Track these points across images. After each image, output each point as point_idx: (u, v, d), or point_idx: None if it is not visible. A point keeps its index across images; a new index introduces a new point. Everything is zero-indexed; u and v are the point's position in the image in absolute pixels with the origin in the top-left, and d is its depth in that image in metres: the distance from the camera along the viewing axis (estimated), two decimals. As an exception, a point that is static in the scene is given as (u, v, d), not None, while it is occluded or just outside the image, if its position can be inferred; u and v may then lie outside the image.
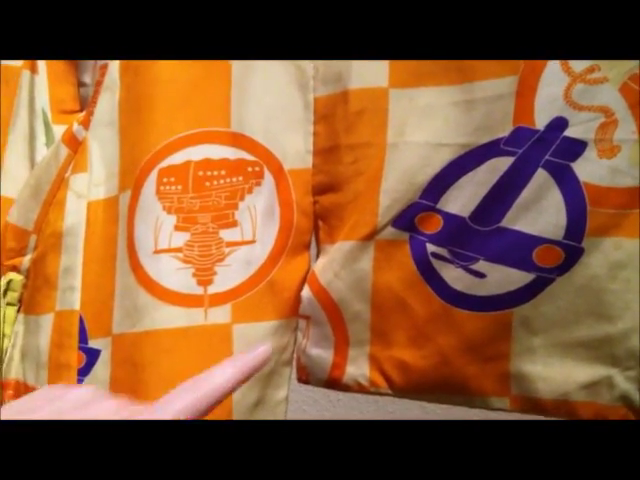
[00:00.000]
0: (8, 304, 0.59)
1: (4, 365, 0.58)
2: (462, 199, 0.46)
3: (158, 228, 0.52)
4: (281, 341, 0.52)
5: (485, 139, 0.45)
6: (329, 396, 0.98)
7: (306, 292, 0.51)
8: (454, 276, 0.46)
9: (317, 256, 0.53)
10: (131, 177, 0.53)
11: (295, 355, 0.53)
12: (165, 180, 0.52)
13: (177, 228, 0.52)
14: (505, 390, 0.46)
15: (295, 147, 0.51)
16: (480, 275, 0.45)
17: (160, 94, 0.53)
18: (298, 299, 0.52)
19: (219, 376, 0.37)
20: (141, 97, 0.53)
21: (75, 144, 0.57)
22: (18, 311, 0.59)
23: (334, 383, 0.51)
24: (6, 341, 0.58)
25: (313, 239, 0.53)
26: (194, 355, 0.51)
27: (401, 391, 0.50)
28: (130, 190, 0.53)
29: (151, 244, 0.52)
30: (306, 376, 0.53)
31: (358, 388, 0.51)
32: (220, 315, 0.51)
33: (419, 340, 0.48)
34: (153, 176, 0.52)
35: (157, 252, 0.51)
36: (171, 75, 0.52)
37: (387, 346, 0.49)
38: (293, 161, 0.51)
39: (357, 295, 0.49)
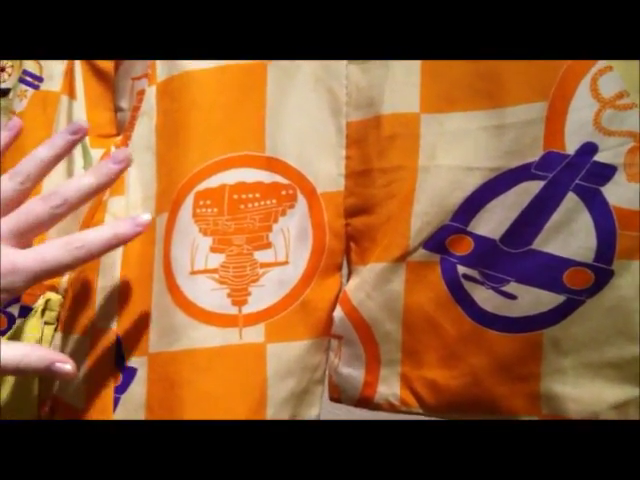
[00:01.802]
0: (46, 323, 0.60)
1: (42, 382, 0.60)
2: (493, 222, 0.47)
3: (194, 250, 0.53)
4: (313, 360, 0.53)
5: (515, 163, 0.46)
6: (353, 413, 0.99)
7: (338, 312, 0.52)
8: (485, 297, 0.47)
9: (348, 277, 0.54)
10: (168, 200, 0.55)
11: (327, 374, 0.54)
12: (201, 203, 0.53)
13: (213, 250, 0.53)
14: (535, 410, 0.47)
15: (327, 170, 0.53)
16: (511, 296, 0.46)
17: (197, 119, 0.54)
18: (330, 319, 0.53)
19: (95, 238, 0.46)
20: (178, 122, 0.55)
21: (113, 168, 0.58)
22: (55, 330, 0.60)
23: (365, 402, 0.52)
24: (44, 359, 0.60)
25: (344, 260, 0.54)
26: (229, 373, 0.52)
27: (432, 410, 0.50)
28: (167, 213, 0.54)
29: (187, 265, 0.53)
30: (338, 395, 0.54)
31: (389, 407, 0.52)
32: (254, 334, 0.52)
33: (450, 360, 0.49)
34: (190, 199, 0.53)
35: (193, 273, 0.53)
36: (207, 101, 0.54)
37: (418, 366, 0.50)
38: (325, 184, 0.53)
39: (388, 315, 0.50)
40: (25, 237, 0.45)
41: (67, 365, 0.46)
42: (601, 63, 0.43)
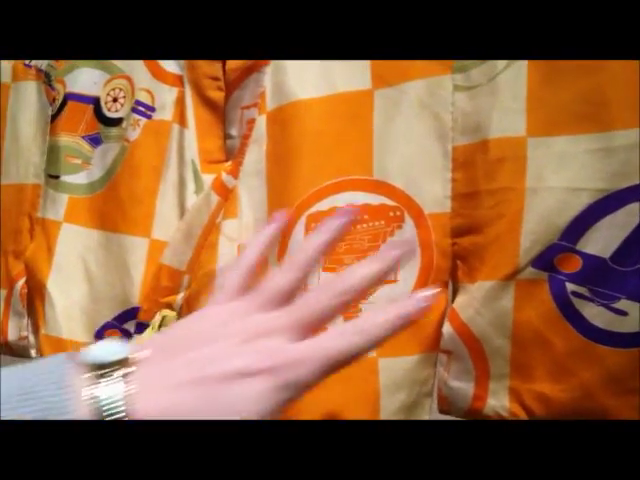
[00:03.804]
0: (162, 338, 0.64)
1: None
2: (602, 241, 0.48)
3: None
4: (423, 374, 0.55)
5: (623, 185, 0.48)
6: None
7: (447, 328, 0.54)
8: (594, 313, 0.49)
9: (453, 294, 0.56)
10: None
11: (436, 387, 0.56)
12: (313, 225, 0.56)
13: (325, 269, 0.56)
14: None
15: (434, 193, 0.55)
16: (621, 313, 0.48)
17: (307, 146, 0.57)
18: (439, 334, 0.55)
19: (376, 322, 0.40)
20: (289, 149, 0.58)
21: (225, 192, 0.62)
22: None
23: (474, 413, 0.54)
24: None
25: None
26: (344, 385, 0.54)
27: (541, 422, 0.52)
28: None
29: None
30: (447, 407, 0.56)
31: (497, 418, 0.54)
32: None
33: (560, 374, 0.50)
34: (302, 221, 0.57)
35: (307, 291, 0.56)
36: (317, 128, 0.57)
37: (527, 380, 0.52)
38: (432, 206, 0.55)
39: (498, 331, 0.52)
40: (308, 330, 0.41)
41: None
42: None
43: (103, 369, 0.35)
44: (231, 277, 0.44)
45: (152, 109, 0.68)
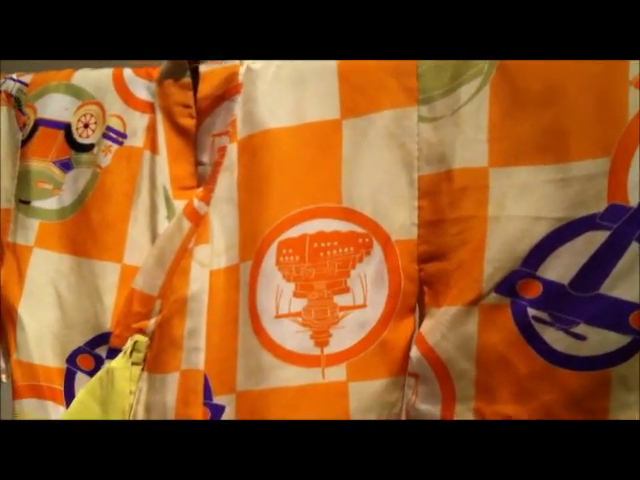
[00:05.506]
0: (133, 363, 0.65)
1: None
2: (561, 267, 0.50)
3: (279, 295, 0.57)
4: (391, 397, 0.57)
5: (580, 214, 0.50)
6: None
7: (415, 352, 0.56)
8: (555, 338, 0.51)
9: (420, 319, 0.58)
10: (251, 249, 0.59)
11: (404, 410, 0.58)
12: (284, 252, 0.58)
13: (296, 295, 0.57)
14: None
15: (401, 220, 0.57)
16: (580, 337, 0.50)
17: (277, 174, 0.59)
18: (406, 358, 0.56)
19: None
20: (260, 176, 0.60)
21: (197, 218, 0.63)
22: (142, 370, 0.65)
23: (442, 435, 0.56)
24: (131, 398, 0.64)
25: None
26: (315, 410, 0.56)
27: (505, 442, 0.54)
28: (251, 260, 0.59)
29: (273, 309, 0.57)
30: (415, 429, 0.57)
31: (464, 439, 0.55)
32: (336, 374, 0.56)
33: (522, 396, 0.52)
34: (273, 248, 0.58)
35: (278, 317, 0.57)
36: (287, 157, 0.59)
37: (491, 402, 0.54)
38: (399, 233, 0.57)
39: (463, 355, 0.54)
40: None
41: None
42: (660, 122, 0.47)
43: None
44: None
45: (123, 135, 0.68)
